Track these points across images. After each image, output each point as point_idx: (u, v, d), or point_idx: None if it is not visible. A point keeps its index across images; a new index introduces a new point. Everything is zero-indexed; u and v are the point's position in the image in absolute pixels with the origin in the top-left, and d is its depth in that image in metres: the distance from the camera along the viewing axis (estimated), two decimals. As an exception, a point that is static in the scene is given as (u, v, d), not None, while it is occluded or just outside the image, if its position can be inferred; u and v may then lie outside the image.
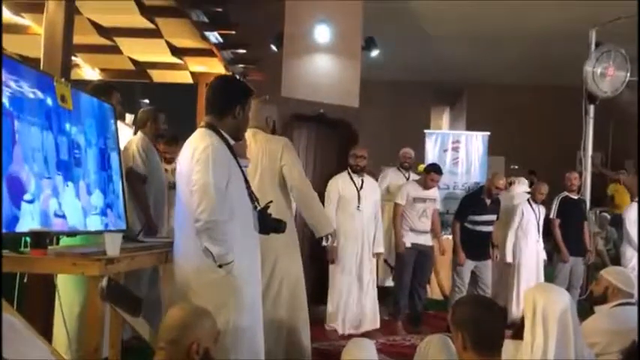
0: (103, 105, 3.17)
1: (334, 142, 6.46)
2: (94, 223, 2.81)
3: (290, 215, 3.72)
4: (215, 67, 7.26)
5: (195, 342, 2.05)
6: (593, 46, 6.41)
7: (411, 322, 5.63)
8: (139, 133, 4.31)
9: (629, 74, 6.21)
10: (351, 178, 5.25)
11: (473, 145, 8.81)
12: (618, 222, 6.88)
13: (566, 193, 6.09)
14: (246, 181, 2.86)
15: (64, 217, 2.52)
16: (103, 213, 2.90)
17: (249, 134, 3.68)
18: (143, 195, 4.03)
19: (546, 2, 8.55)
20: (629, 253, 5.89)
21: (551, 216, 6.06)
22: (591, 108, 6.42)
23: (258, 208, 2.89)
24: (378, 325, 5.32)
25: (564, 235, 5.94)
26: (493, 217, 5.69)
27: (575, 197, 6.07)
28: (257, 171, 3.63)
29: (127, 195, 3.48)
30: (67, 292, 3.05)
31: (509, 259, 5.92)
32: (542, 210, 6.08)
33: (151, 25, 5.87)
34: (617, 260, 6.43)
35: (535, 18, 9.23)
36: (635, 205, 6.03)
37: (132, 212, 3.75)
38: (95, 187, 2.85)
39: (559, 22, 8.96)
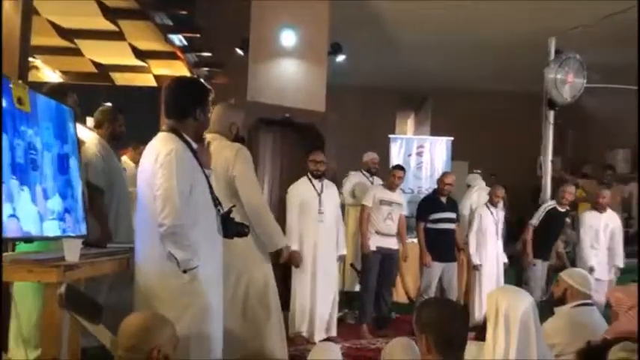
0: (62, 107, 3.09)
1: (300, 146, 6.46)
2: (52, 229, 2.72)
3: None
4: (179, 70, 7.19)
5: (155, 348, 2.01)
6: (552, 54, 6.57)
7: (377, 326, 5.66)
8: (95, 135, 4.07)
9: (585, 81, 6.38)
10: (312, 183, 5.26)
11: (437, 150, 8.96)
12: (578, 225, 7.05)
13: (555, 205, 6.10)
14: (210, 186, 2.83)
15: (18, 222, 2.43)
16: (61, 218, 2.81)
17: (206, 139, 3.54)
18: (100, 207, 3.86)
19: (508, 12, 8.75)
20: (585, 256, 6.03)
21: (533, 222, 6.05)
22: (551, 114, 6.57)
23: (222, 212, 2.86)
24: (335, 331, 5.31)
25: (541, 244, 6.00)
26: (452, 214, 5.84)
27: (563, 210, 6.12)
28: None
29: (87, 203, 3.39)
30: (26, 299, 2.96)
31: (475, 261, 5.99)
32: (501, 213, 6.18)
33: (113, 28, 5.78)
34: (575, 262, 6.58)
35: (497, 27, 9.43)
36: (590, 213, 6.17)
37: (93, 221, 3.65)
38: (53, 191, 2.77)
39: (520, 30, 9.17)
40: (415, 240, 6.01)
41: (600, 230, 6.06)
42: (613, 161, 10.81)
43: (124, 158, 4.75)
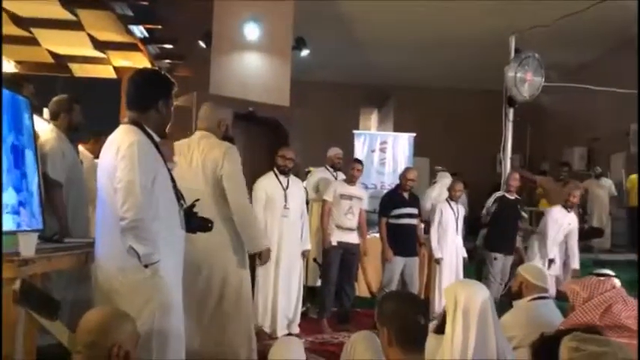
0: (17, 98, 2.99)
1: (264, 140, 6.43)
2: (6, 223, 2.64)
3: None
4: (140, 62, 7.07)
5: (115, 345, 1.97)
6: (512, 53, 6.70)
7: (340, 320, 5.69)
8: (52, 127, 3.93)
9: (543, 79, 6.54)
10: (278, 179, 5.24)
11: (399, 146, 9.04)
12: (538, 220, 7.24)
13: (503, 193, 6.31)
14: (173, 180, 2.79)
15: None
16: (15, 212, 2.73)
17: (195, 136, 3.65)
18: (59, 202, 3.77)
19: (470, 10, 8.90)
20: (535, 248, 6.20)
21: (483, 212, 6.30)
22: (510, 111, 6.71)
23: (185, 206, 2.82)
24: (297, 327, 5.34)
25: (497, 234, 6.15)
26: (414, 210, 5.91)
27: (512, 197, 6.30)
28: (198, 175, 3.49)
29: (44, 197, 3.30)
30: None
31: (437, 255, 6.09)
32: (461, 208, 6.30)
33: (72, 17, 5.63)
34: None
35: (459, 25, 9.59)
36: (558, 209, 6.33)
37: (51, 216, 3.56)
38: (6, 184, 2.68)
39: (482, 29, 9.34)
40: (377, 235, 6.06)
41: (563, 227, 6.23)
42: (569, 159, 11.12)
43: (81, 149, 4.60)
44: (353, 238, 5.70)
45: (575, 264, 6.32)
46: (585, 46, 10.53)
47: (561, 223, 6.22)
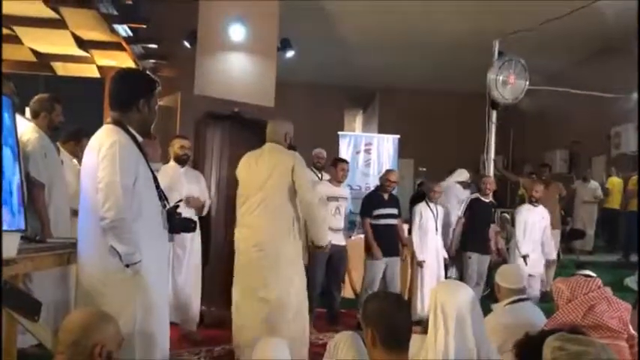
0: (-5, 96, 2.94)
1: (249, 142, 6.36)
2: (-16, 223, 2.60)
3: (296, 224, 4.05)
4: (124, 61, 7.01)
5: (98, 345, 1.96)
6: (496, 56, 6.76)
7: (330, 322, 5.70)
8: (33, 126, 3.89)
9: (527, 82, 6.60)
10: None
11: (384, 148, 9.09)
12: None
13: (478, 196, 6.39)
14: (156, 180, 2.78)
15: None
16: (-4, 212, 2.69)
17: (265, 148, 4.16)
18: (42, 202, 3.74)
19: (455, 13, 8.97)
20: (519, 246, 6.26)
21: (459, 214, 6.38)
22: (494, 114, 6.77)
23: (168, 207, 2.81)
24: None
25: (473, 237, 6.23)
26: (394, 210, 5.95)
27: (487, 200, 6.38)
28: (266, 182, 3.97)
29: (27, 197, 3.26)
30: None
31: (419, 257, 6.13)
32: (440, 209, 6.35)
33: (55, 15, 5.58)
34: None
35: (444, 28, 9.66)
36: (526, 206, 6.41)
37: (33, 216, 3.52)
38: (-15, 184, 2.64)
39: (466, 32, 9.42)
40: (361, 235, 6.07)
41: (536, 223, 6.29)
42: (551, 161, 11.24)
43: (61, 149, 4.56)
44: (340, 239, 5.71)
45: (552, 255, 6.42)
46: (568, 50, 10.67)
47: (532, 219, 6.28)
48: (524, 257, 6.10)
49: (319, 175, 6.47)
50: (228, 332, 4.27)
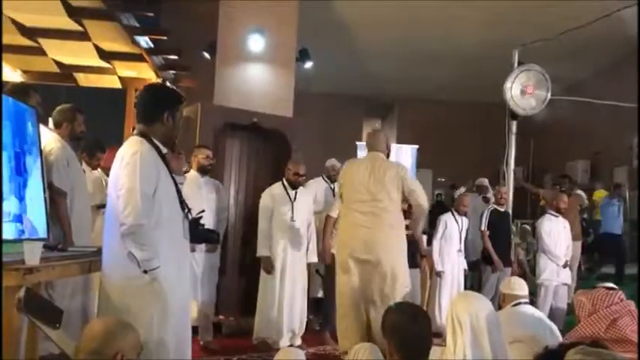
0: (20, 106, 3.01)
1: (268, 151, 6.43)
2: (8, 231, 2.65)
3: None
4: (145, 72, 7.09)
5: (118, 353, 1.98)
6: (515, 65, 6.70)
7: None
8: (56, 136, 3.92)
9: (549, 93, 6.50)
10: (286, 190, 5.23)
11: (402, 158, 9.05)
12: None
13: (494, 206, 6.34)
14: (178, 190, 2.81)
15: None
16: (18, 220, 2.74)
17: (368, 156, 4.50)
18: (64, 210, 3.77)
19: (474, 23, 8.94)
20: (542, 263, 6.18)
21: (482, 228, 6.30)
22: (514, 124, 6.70)
23: (191, 217, 2.84)
24: (299, 339, 5.32)
25: (493, 246, 6.18)
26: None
27: (502, 210, 6.32)
28: (376, 188, 4.28)
29: (49, 206, 3.31)
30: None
31: (438, 267, 6.08)
32: (465, 221, 6.29)
33: (78, 27, 5.67)
34: (535, 269, 6.72)
35: (464, 38, 9.63)
36: (547, 216, 6.33)
37: (56, 224, 3.57)
38: (8, 193, 2.69)
39: (486, 42, 9.38)
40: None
41: (560, 232, 6.21)
42: (572, 172, 11.10)
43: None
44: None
45: (568, 256, 6.30)
46: (588, 59, 10.56)
47: (557, 230, 6.19)
48: (564, 262, 6.02)
49: (332, 187, 6.44)
50: (246, 341, 4.28)
